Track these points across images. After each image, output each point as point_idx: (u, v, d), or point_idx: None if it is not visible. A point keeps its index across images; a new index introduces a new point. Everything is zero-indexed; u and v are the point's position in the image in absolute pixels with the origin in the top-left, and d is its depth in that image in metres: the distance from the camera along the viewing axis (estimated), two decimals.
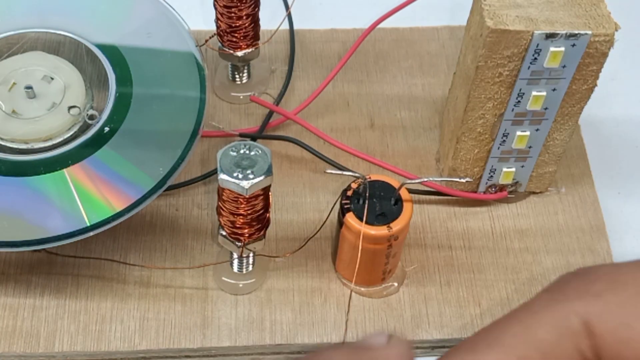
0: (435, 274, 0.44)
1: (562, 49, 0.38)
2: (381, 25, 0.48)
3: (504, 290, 0.44)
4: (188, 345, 0.41)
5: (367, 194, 0.40)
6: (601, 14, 0.38)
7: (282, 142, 0.48)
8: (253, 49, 0.48)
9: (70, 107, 0.43)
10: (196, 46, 0.45)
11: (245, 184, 0.35)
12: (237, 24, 0.46)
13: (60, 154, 0.41)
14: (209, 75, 0.45)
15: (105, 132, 0.42)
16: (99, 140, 0.42)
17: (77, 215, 0.39)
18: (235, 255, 0.42)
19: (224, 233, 0.39)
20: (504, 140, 0.43)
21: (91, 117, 0.43)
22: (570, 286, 0.29)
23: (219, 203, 0.38)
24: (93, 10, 0.46)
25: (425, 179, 0.41)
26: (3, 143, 0.42)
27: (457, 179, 0.42)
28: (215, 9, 0.46)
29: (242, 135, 0.48)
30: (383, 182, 0.40)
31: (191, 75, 0.44)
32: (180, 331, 0.42)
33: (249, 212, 0.38)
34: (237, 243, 0.39)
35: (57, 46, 0.47)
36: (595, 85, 0.40)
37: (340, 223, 0.40)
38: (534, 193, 0.47)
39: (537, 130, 0.42)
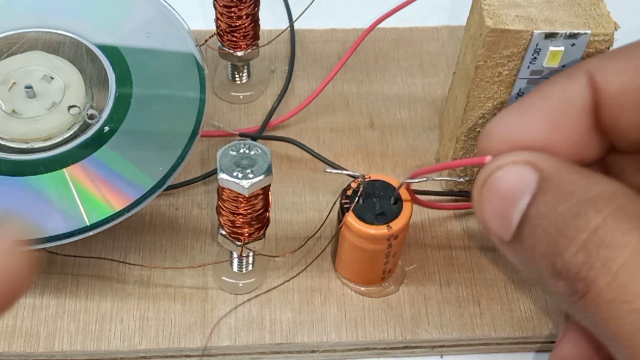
0: (435, 274, 0.44)
1: (562, 48, 0.38)
2: (381, 25, 0.48)
3: (503, 290, 0.44)
4: (188, 345, 0.41)
5: (365, 193, 0.40)
6: (601, 14, 0.38)
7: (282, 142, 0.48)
8: (253, 49, 0.48)
9: (70, 107, 0.43)
10: (196, 46, 0.45)
11: (245, 183, 0.35)
12: (237, 24, 0.46)
13: (60, 153, 0.41)
14: (209, 75, 0.45)
15: (105, 131, 0.42)
16: (98, 140, 0.42)
17: (77, 214, 0.39)
18: (235, 255, 0.42)
19: (223, 232, 0.39)
20: None
21: (91, 117, 0.43)
22: None
23: (219, 202, 0.38)
24: (93, 10, 0.46)
25: (425, 179, 0.41)
26: (3, 142, 0.42)
27: (457, 179, 0.42)
28: (215, 8, 0.46)
29: (242, 135, 0.48)
30: (383, 181, 0.40)
31: (191, 75, 0.44)
32: (180, 331, 0.42)
33: (248, 211, 0.38)
34: (237, 242, 0.39)
35: (57, 46, 0.48)
36: None
37: (340, 222, 0.40)
38: None
39: None
